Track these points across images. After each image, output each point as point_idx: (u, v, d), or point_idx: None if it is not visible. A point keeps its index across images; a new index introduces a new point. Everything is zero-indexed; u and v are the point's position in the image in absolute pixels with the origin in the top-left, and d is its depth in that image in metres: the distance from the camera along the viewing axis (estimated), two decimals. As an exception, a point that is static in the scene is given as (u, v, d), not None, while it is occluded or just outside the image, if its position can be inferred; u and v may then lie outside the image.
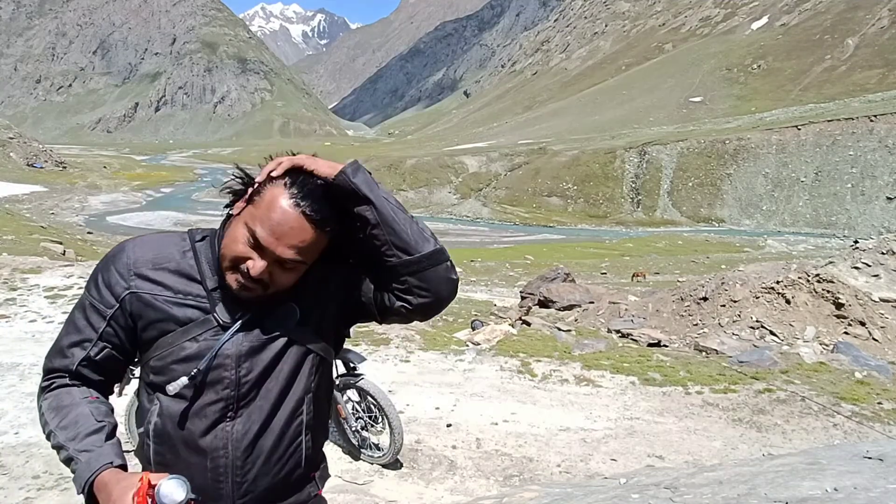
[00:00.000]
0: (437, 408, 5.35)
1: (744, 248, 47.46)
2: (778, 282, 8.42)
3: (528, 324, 9.45)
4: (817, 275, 8.32)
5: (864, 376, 6.01)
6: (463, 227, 63.05)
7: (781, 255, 38.27)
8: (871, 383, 5.82)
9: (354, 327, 1.54)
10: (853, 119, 61.51)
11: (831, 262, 9.67)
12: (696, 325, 8.60)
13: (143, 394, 1.27)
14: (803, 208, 59.31)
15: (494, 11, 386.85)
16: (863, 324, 7.72)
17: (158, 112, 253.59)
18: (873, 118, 59.99)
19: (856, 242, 12.75)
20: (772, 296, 8.33)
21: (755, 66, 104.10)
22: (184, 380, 1.17)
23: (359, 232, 1.21)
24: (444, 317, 11.97)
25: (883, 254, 9.25)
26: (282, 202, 1.13)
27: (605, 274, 29.75)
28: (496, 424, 5.04)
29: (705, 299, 8.89)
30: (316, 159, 1.20)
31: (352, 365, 4.03)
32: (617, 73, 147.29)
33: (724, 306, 8.57)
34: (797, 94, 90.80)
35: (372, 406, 4.08)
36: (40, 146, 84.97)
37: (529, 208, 68.73)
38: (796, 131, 64.05)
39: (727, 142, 67.38)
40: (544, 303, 11.74)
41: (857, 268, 9.20)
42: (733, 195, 63.56)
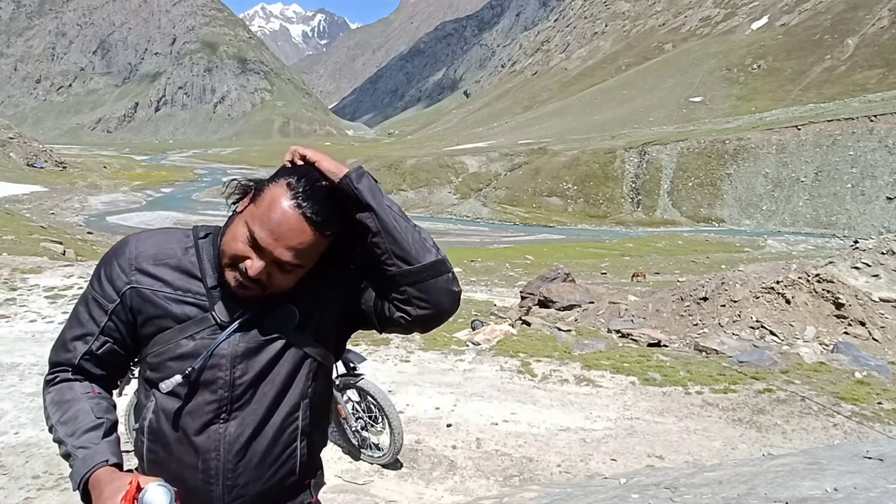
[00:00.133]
0: (437, 408, 5.35)
1: (744, 248, 47.44)
2: (778, 282, 8.42)
3: (528, 324, 9.44)
4: (817, 275, 8.32)
5: (864, 376, 6.01)
6: (463, 227, 63.03)
7: (781, 255, 38.26)
8: (871, 383, 5.82)
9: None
10: (853, 119, 61.51)
11: (831, 262, 9.67)
12: (696, 325, 8.60)
13: (141, 390, 1.26)
14: (803, 208, 59.31)
15: (494, 11, 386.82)
16: (863, 324, 7.72)
17: (158, 112, 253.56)
18: (873, 118, 59.98)
19: (856, 242, 12.75)
20: (772, 296, 8.33)
21: (755, 66, 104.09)
22: (177, 378, 1.16)
23: (360, 238, 1.19)
24: (444, 317, 11.94)
25: (883, 254, 9.24)
26: (283, 202, 1.11)
27: (605, 274, 29.73)
28: (496, 424, 5.04)
29: (705, 299, 8.89)
30: (323, 155, 1.19)
31: (352, 365, 4.03)
32: (617, 73, 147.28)
33: (724, 306, 8.57)
34: (797, 94, 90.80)
35: (372, 406, 4.08)
36: (40, 146, 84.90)
37: (529, 208, 68.73)
38: (796, 131, 64.06)
39: (727, 142, 67.38)
40: (544, 303, 11.73)
41: (857, 268, 9.20)
42: (733, 195, 63.56)
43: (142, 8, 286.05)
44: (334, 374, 4.04)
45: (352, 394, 4.18)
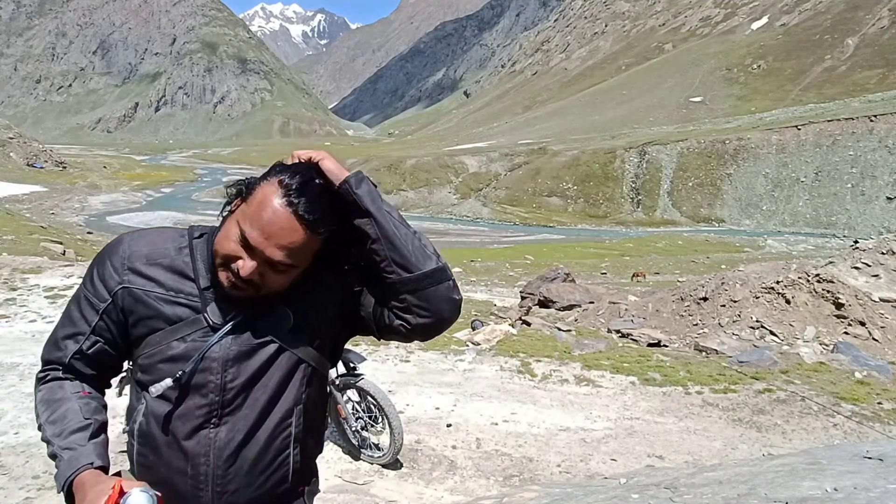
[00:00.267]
0: (437, 408, 5.35)
1: (744, 248, 47.44)
2: (778, 282, 8.42)
3: (528, 324, 9.45)
4: (817, 275, 8.32)
5: (864, 376, 6.01)
6: (463, 227, 63.03)
7: (781, 255, 38.26)
8: (871, 383, 5.82)
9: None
10: (853, 119, 61.52)
11: (831, 262, 9.67)
12: (696, 325, 8.60)
13: (133, 392, 1.24)
14: (803, 208, 59.32)
15: (494, 11, 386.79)
16: (863, 324, 7.72)
17: (158, 112, 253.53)
18: (873, 118, 59.99)
19: (856, 242, 12.75)
20: (772, 296, 8.33)
21: (755, 66, 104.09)
22: (168, 381, 1.14)
23: (359, 244, 1.17)
24: (444, 317, 11.95)
25: (883, 254, 9.25)
26: (273, 201, 1.08)
27: (605, 274, 29.73)
28: (496, 424, 5.04)
29: (705, 299, 8.89)
30: (327, 155, 1.17)
31: (352, 365, 4.02)
32: (617, 73, 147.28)
33: (724, 306, 8.57)
34: (797, 94, 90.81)
35: (372, 406, 4.08)
36: (40, 146, 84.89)
37: (529, 208, 68.74)
38: (796, 131, 64.06)
39: (727, 142, 67.38)
40: (544, 303, 11.73)
41: (857, 268, 9.20)
42: (733, 195, 63.57)
43: (142, 8, 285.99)
44: (334, 374, 4.05)
45: (352, 394, 4.18)
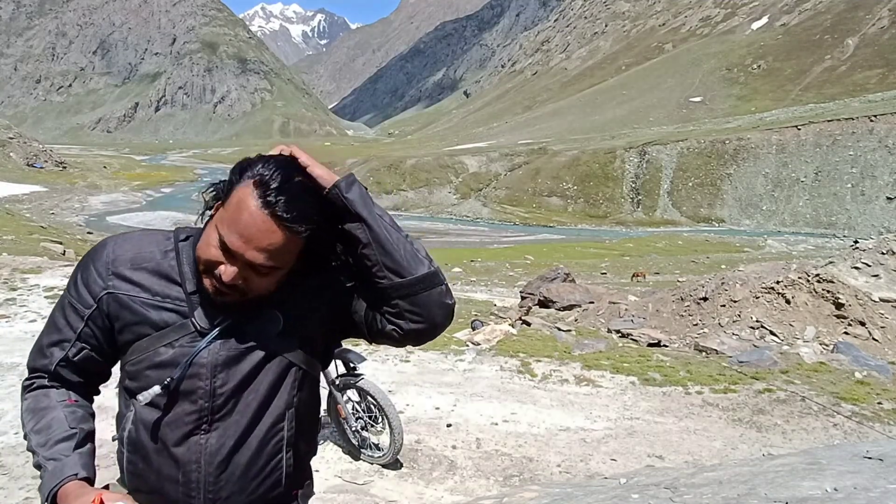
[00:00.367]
0: (437, 408, 5.35)
1: (744, 248, 47.45)
2: (778, 282, 8.42)
3: (528, 324, 9.45)
4: (817, 275, 8.32)
5: (864, 376, 6.01)
6: (463, 227, 63.06)
7: (781, 255, 38.27)
8: (871, 383, 5.82)
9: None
10: (853, 119, 61.54)
11: (831, 262, 9.67)
12: (696, 325, 8.60)
13: (121, 399, 1.22)
14: (803, 208, 59.33)
15: (494, 11, 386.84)
16: (863, 324, 7.72)
17: (158, 112, 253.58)
18: (873, 118, 60.01)
19: (856, 242, 12.76)
20: (772, 296, 8.33)
21: (755, 66, 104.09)
22: (156, 389, 1.11)
23: (350, 247, 1.15)
24: (444, 317, 11.95)
25: (883, 254, 9.25)
26: (249, 202, 1.04)
27: (605, 274, 29.74)
28: (496, 424, 5.04)
29: (705, 299, 8.89)
30: (314, 161, 1.14)
31: (352, 365, 4.02)
32: (617, 73, 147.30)
33: (724, 306, 8.57)
34: (797, 94, 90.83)
35: (372, 406, 4.08)
36: (40, 146, 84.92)
37: (529, 208, 68.75)
38: (796, 131, 64.08)
39: (727, 142, 67.40)
40: (544, 303, 11.73)
41: (857, 268, 9.20)
42: (733, 195, 63.59)
43: (142, 8, 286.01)
44: (334, 374, 4.05)
45: (352, 394, 4.18)
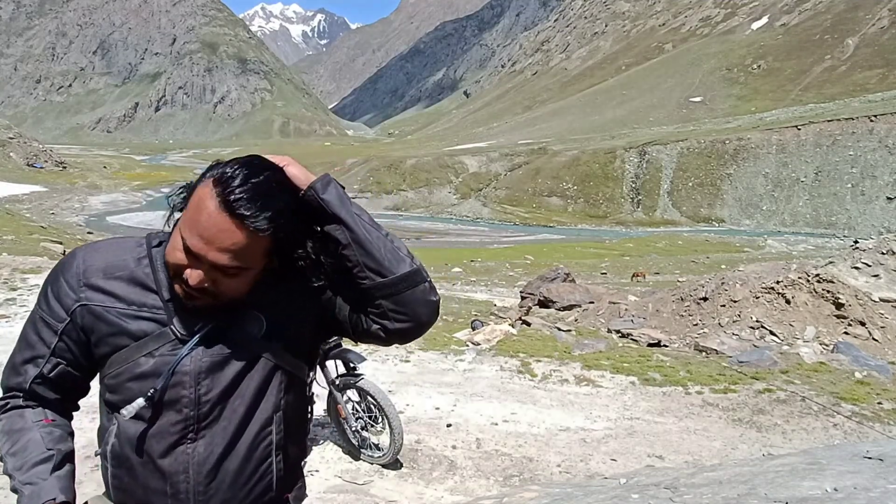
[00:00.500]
0: (437, 408, 5.35)
1: (744, 248, 47.46)
2: (778, 282, 8.42)
3: (528, 324, 9.45)
4: (817, 275, 8.32)
5: (864, 376, 6.01)
6: (463, 227, 63.10)
7: (781, 255, 38.28)
8: (871, 383, 5.82)
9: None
10: (853, 119, 61.57)
11: (831, 262, 9.67)
12: (696, 325, 8.60)
13: (103, 412, 1.18)
14: (803, 208, 59.35)
15: (494, 11, 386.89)
16: (863, 324, 7.72)
17: (158, 112, 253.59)
18: (873, 118, 60.04)
19: (856, 242, 12.76)
20: (772, 296, 8.33)
21: (755, 66, 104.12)
22: (140, 402, 1.08)
23: (330, 248, 1.12)
24: (444, 317, 11.97)
25: (883, 254, 9.25)
26: (208, 203, 1.01)
27: (605, 274, 29.74)
28: (496, 424, 5.04)
29: (705, 299, 8.89)
30: (292, 160, 1.12)
31: (352, 365, 4.02)
32: (617, 73, 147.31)
33: (724, 306, 8.57)
34: (797, 94, 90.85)
35: (372, 406, 4.08)
36: (40, 146, 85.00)
37: (529, 208, 68.78)
38: (796, 131, 64.09)
39: (727, 142, 67.42)
40: (544, 303, 11.73)
41: (857, 268, 9.20)
42: (733, 195, 63.61)
43: (142, 8, 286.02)
44: (334, 374, 4.05)
45: (352, 394, 4.18)
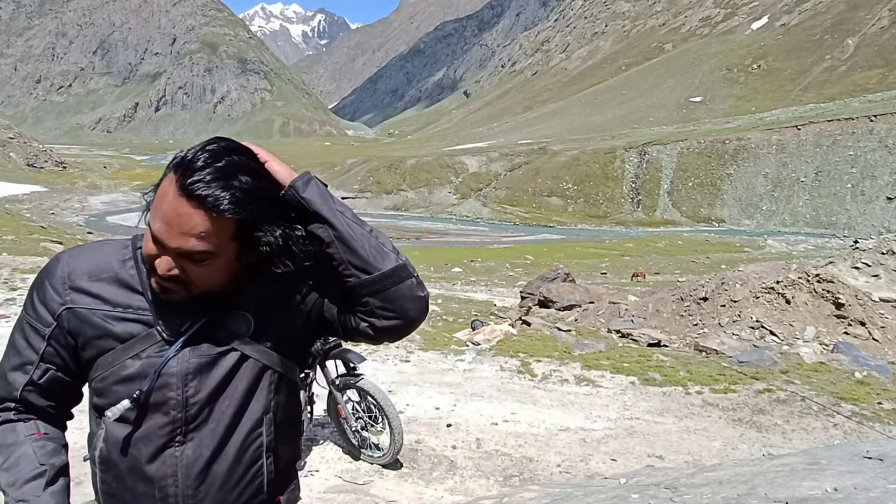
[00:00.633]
0: (437, 408, 5.35)
1: (744, 248, 47.46)
2: (778, 282, 8.42)
3: (528, 324, 9.45)
4: (817, 275, 8.32)
5: (864, 376, 6.01)
6: (463, 227, 63.11)
7: (781, 255, 38.28)
8: (871, 383, 5.82)
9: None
10: (853, 119, 61.59)
11: (831, 262, 9.67)
12: (696, 325, 8.60)
13: (92, 417, 1.17)
14: (803, 208, 59.36)
15: (494, 11, 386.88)
16: (863, 324, 7.72)
17: (158, 112, 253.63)
18: (873, 118, 60.06)
19: (856, 242, 12.76)
20: (772, 296, 8.33)
21: (755, 66, 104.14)
22: (125, 403, 1.07)
23: (301, 243, 1.10)
24: (444, 317, 11.97)
25: (883, 254, 9.24)
26: (168, 189, 1.00)
27: (605, 274, 29.74)
28: (496, 424, 5.04)
29: (705, 299, 8.89)
30: (273, 157, 1.11)
31: (352, 365, 4.03)
32: (617, 73, 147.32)
33: (724, 306, 8.57)
34: (797, 94, 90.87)
35: (372, 406, 4.08)
36: (40, 146, 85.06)
37: (529, 208, 68.79)
38: (796, 131, 64.11)
39: (727, 142, 67.43)
40: (544, 303, 11.73)
41: (857, 268, 9.20)
42: (733, 195, 63.62)
43: (142, 8, 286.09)
44: (334, 374, 4.05)
45: (352, 394, 4.18)
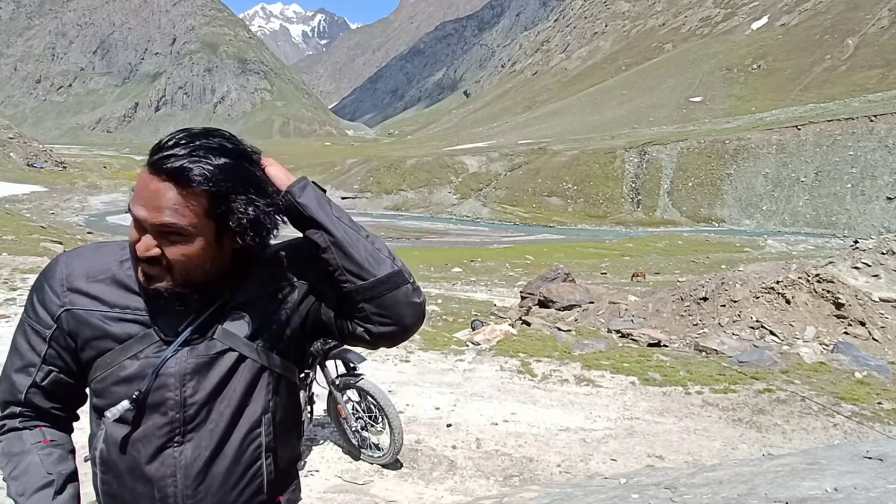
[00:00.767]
0: (437, 408, 5.35)
1: (744, 248, 47.45)
2: (778, 282, 8.42)
3: (528, 324, 9.45)
4: (817, 275, 8.32)
5: (864, 376, 6.01)
6: (463, 227, 63.11)
7: (781, 255, 38.27)
8: (871, 383, 5.82)
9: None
10: (853, 119, 61.60)
11: (831, 262, 9.67)
12: (696, 325, 8.60)
13: (92, 418, 1.18)
14: (803, 208, 59.36)
15: (494, 11, 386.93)
16: (863, 324, 7.72)
17: (158, 112, 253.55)
18: (873, 118, 60.06)
19: (856, 242, 12.77)
20: (772, 296, 8.33)
21: (755, 66, 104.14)
22: (125, 404, 1.07)
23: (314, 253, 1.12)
24: (444, 317, 11.97)
25: (883, 254, 9.25)
26: (143, 172, 1.03)
27: (605, 274, 29.73)
28: (496, 424, 5.04)
29: (705, 299, 8.89)
30: (274, 163, 1.13)
31: (352, 365, 4.03)
32: (617, 73, 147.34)
33: (724, 306, 8.57)
34: (797, 94, 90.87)
35: (372, 406, 4.08)
36: (40, 146, 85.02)
37: (529, 208, 68.79)
38: (796, 131, 64.11)
39: (727, 142, 67.43)
40: (544, 303, 11.72)
41: (857, 268, 9.21)
42: (733, 195, 63.62)
43: (142, 8, 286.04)
44: (334, 374, 4.05)
45: (352, 394, 4.18)
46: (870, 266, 9.12)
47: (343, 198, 72.19)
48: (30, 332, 1.14)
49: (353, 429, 4.16)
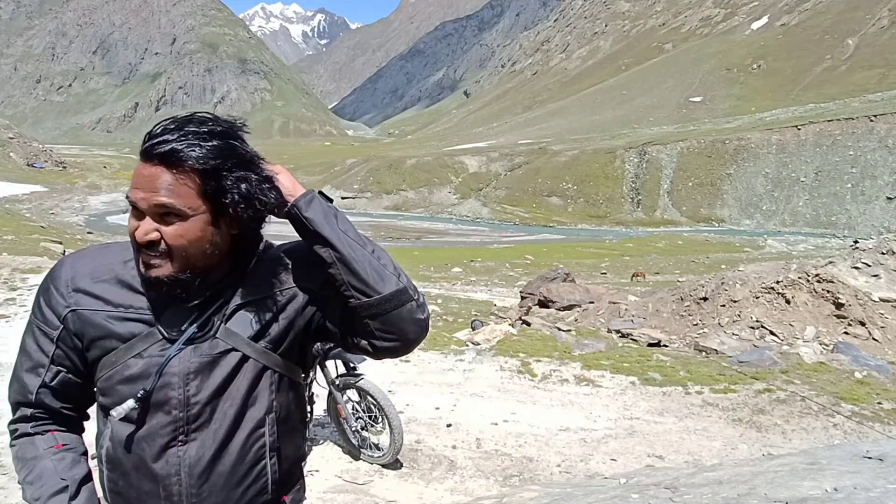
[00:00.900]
0: (437, 408, 5.35)
1: (744, 248, 47.46)
2: (778, 282, 8.42)
3: (528, 324, 9.45)
4: (817, 275, 8.32)
5: (864, 376, 6.01)
6: (463, 227, 63.13)
7: (781, 255, 38.27)
8: (871, 383, 5.82)
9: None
10: (853, 119, 61.61)
11: (831, 262, 9.66)
12: (696, 325, 8.60)
13: (99, 417, 1.19)
14: (803, 208, 59.37)
15: (494, 11, 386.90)
16: (863, 324, 7.72)
17: (158, 112, 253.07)
18: (873, 118, 60.06)
19: (856, 242, 12.76)
20: (772, 296, 8.33)
21: (755, 66, 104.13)
22: (130, 403, 1.08)
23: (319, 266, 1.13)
24: (444, 317, 11.98)
25: (883, 254, 9.24)
26: (138, 164, 1.06)
27: (605, 274, 29.74)
28: (496, 424, 5.04)
29: (705, 299, 8.89)
30: (284, 170, 1.15)
31: (352, 365, 4.03)
32: (617, 73, 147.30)
33: (724, 306, 8.57)
34: (797, 94, 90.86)
35: (372, 406, 4.08)
36: (40, 146, 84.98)
37: (529, 208, 68.79)
38: (796, 131, 64.12)
39: (727, 142, 67.44)
40: (544, 303, 11.72)
41: (857, 268, 9.20)
42: (733, 195, 63.62)
43: (142, 8, 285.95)
44: (334, 374, 4.05)
45: (352, 394, 4.18)
46: (870, 266, 9.12)
47: (343, 198, 72.22)
48: (38, 333, 1.15)
49: (353, 429, 4.16)
